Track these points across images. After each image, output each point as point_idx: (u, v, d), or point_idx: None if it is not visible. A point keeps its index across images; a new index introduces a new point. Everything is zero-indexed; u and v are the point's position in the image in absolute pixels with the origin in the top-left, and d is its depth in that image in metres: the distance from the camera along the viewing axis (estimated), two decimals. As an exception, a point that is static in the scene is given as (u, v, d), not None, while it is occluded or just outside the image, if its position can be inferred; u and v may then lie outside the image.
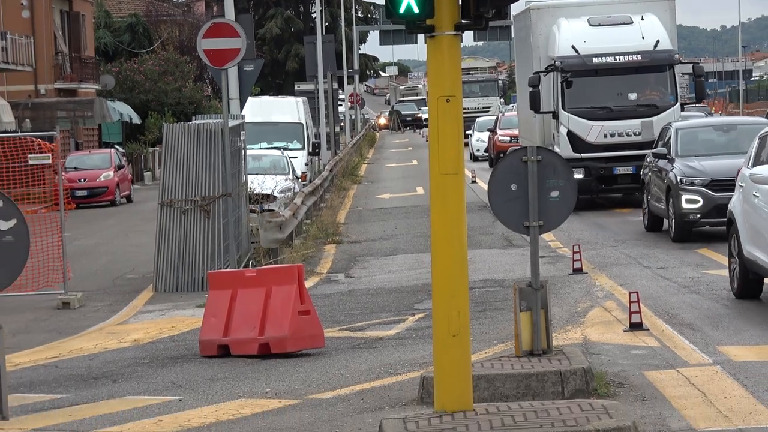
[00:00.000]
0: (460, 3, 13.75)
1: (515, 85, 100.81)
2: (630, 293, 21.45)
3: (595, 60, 37.38)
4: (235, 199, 29.97)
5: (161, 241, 29.16)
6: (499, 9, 14.04)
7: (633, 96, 38.07)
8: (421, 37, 14.14)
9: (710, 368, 17.70)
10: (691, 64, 40.68)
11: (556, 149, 36.67)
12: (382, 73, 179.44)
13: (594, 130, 37.14)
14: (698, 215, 29.49)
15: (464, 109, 58.39)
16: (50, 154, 34.20)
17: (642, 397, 16.10)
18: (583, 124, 37.55)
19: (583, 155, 37.32)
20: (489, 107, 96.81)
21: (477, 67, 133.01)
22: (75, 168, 57.83)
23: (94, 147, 70.44)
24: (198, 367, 20.05)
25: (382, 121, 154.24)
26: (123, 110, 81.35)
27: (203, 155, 29.20)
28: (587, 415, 13.68)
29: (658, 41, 38.13)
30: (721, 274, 26.13)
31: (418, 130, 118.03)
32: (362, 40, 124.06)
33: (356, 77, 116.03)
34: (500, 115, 73.68)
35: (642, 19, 38.79)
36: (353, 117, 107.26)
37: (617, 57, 37.40)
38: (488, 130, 69.03)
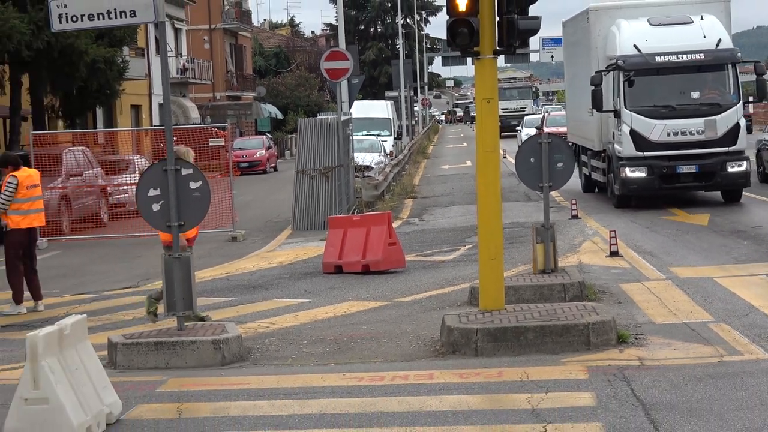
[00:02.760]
0: (496, 37, 13.72)
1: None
2: (610, 231, 21.38)
3: (657, 59, 28.08)
4: (346, 168, 29.96)
5: (297, 196, 29.23)
6: (523, 40, 14.02)
7: (695, 95, 28.45)
8: (469, 59, 14.14)
9: (664, 282, 17.62)
10: (753, 63, 30.37)
11: (617, 148, 28.69)
12: (447, 85, 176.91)
13: (657, 129, 27.83)
14: None
15: (504, 109, 54.28)
16: (223, 139, 34.36)
17: (618, 301, 16.04)
18: (646, 123, 27.91)
19: (646, 154, 27.98)
20: (525, 108, 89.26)
21: (516, 77, 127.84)
22: (240, 148, 57.87)
23: (252, 134, 70.56)
24: (321, 280, 20.09)
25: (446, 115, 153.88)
26: (271, 110, 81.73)
27: (324, 139, 29.21)
28: (581, 312, 13.63)
29: (720, 40, 28.70)
30: (670, 219, 25.98)
31: (471, 124, 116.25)
32: (429, 62, 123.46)
33: (426, 88, 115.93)
34: (546, 114, 62.85)
35: (702, 18, 29.25)
36: (424, 114, 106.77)
37: (680, 56, 28.15)
38: (536, 127, 58.16)
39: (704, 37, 28.58)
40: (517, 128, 67.71)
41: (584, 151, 33.43)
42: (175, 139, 14.53)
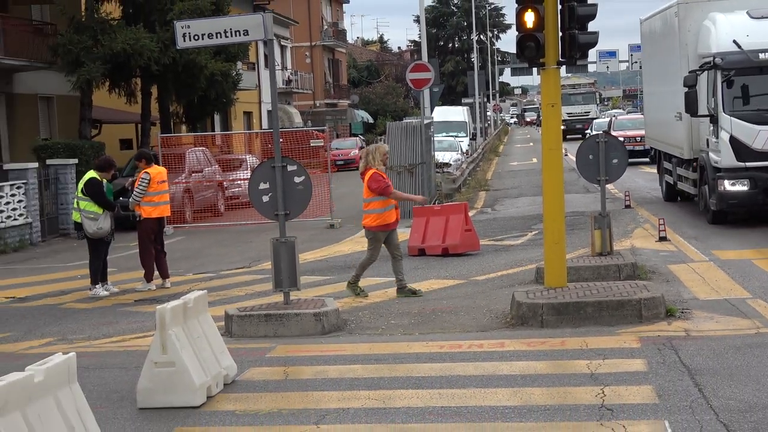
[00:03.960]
0: (559, 50, 13.62)
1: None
2: (659, 219, 21.16)
3: (761, 56, 21.14)
4: (427, 165, 29.89)
5: (385, 190, 29.26)
6: (583, 53, 13.90)
7: None
8: (535, 70, 14.04)
9: (707, 263, 17.39)
10: None
11: (714, 157, 21.95)
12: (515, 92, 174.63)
13: (762, 136, 20.84)
14: None
15: (570, 113, 48.60)
16: (322, 140, 34.45)
17: (666, 280, 15.86)
18: (748, 129, 20.97)
19: (748, 164, 21.14)
20: (589, 112, 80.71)
21: (580, 83, 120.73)
22: (336, 148, 57.89)
23: (347, 136, 70.72)
24: (407, 261, 19.96)
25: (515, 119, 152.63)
26: (363, 115, 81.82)
27: (409, 140, 29.19)
28: (634, 289, 13.50)
29: None
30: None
31: (538, 127, 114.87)
32: (500, 73, 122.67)
33: (497, 95, 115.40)
34: (613, 118, 54.97)
35: None
36: (495, 118, 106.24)
37: None
38: (603, 131, 45.87)
39: None
40: (586, 132, 65.95)
41: (667, 157, 27.60)
42: (282, 140, 14.60)
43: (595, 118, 68.30)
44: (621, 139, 40.10)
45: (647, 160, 35.23)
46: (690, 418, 8.67)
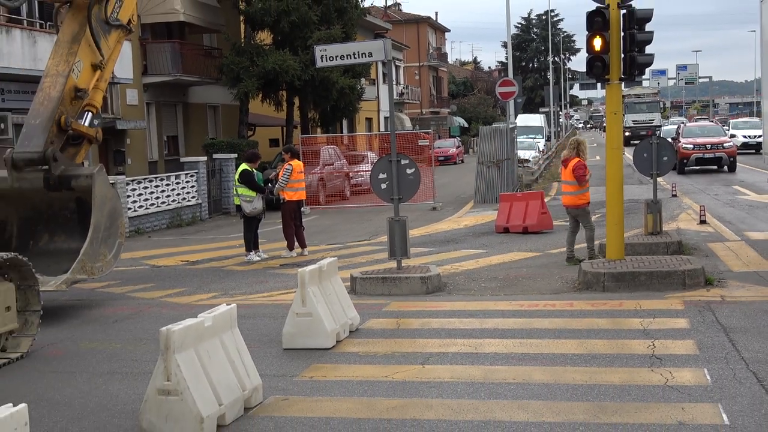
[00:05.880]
0: (621, 68, 13.36)
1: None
2: (700, 206, 20.63)
3: None
4: (511, 161, 29.59)
5: (477, 180, 29.08)
6: (640, 71, 13.62)
7: None
8: (599, 84, 13.77)
9: (739, 242, 16.92)
10: None
11: None
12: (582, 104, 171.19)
13: None
14: None
15: (635, 121, 44.81)
16: (428, 140, 34.36)
17: (706, 255, 15.47)
18: None
19: None
20: (653, 120, 70.14)
21: (645, 93, 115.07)
22: (438, 147, 57.31)
23: (447, 137, 70.34)
24: (493, 237, 19.97)
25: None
26: (460, 121, 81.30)
27: (497, 140, 28.95)
28: (679, 262, 13.21)
29: None
30: (744, 198, 24.84)
31: (603, 131, 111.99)
32: (570, 87, 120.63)
33: (568, 105, 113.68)
34: (682, 125, 44.68)
35: None
36: (566, 124, 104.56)
37: None
38: (672, 138, 38.36)
39: None
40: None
41: None
42: (396, 140, 14.61)
43: (659, 126, 62.62)
44: (690, 146, 36.24)
45: (715, 167, 33.78)
46: (725, 366, 8.47)
